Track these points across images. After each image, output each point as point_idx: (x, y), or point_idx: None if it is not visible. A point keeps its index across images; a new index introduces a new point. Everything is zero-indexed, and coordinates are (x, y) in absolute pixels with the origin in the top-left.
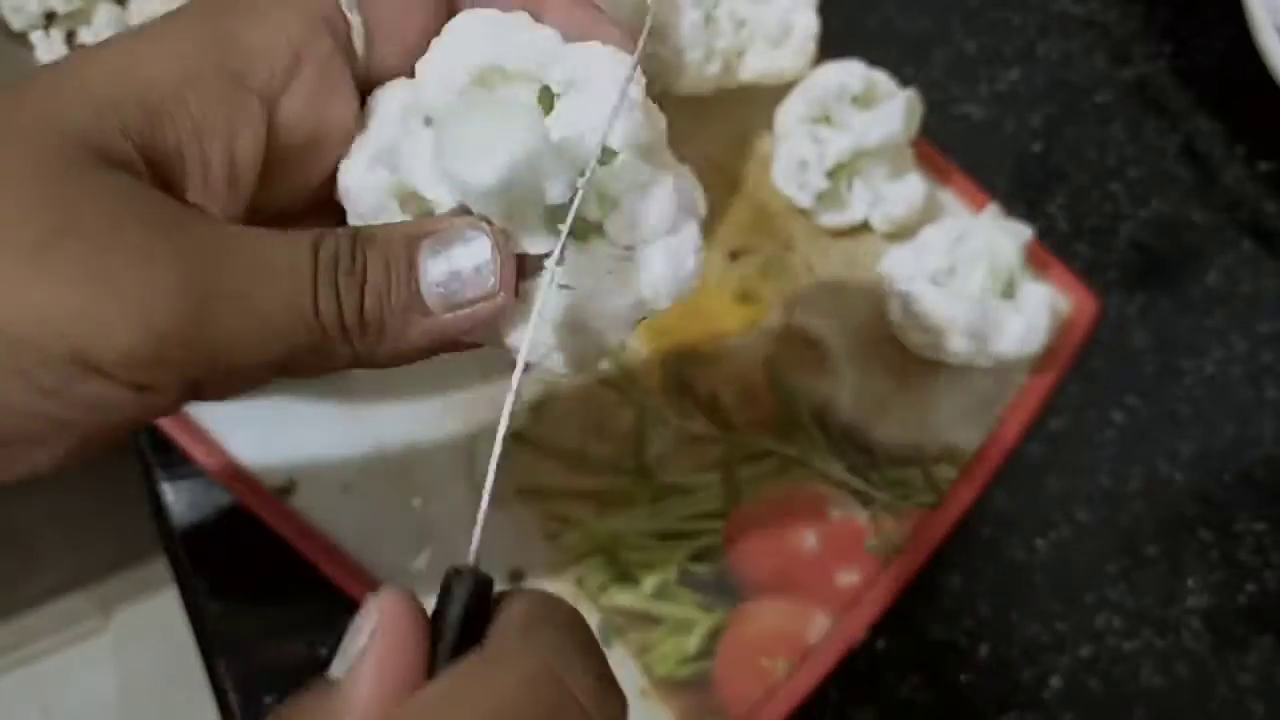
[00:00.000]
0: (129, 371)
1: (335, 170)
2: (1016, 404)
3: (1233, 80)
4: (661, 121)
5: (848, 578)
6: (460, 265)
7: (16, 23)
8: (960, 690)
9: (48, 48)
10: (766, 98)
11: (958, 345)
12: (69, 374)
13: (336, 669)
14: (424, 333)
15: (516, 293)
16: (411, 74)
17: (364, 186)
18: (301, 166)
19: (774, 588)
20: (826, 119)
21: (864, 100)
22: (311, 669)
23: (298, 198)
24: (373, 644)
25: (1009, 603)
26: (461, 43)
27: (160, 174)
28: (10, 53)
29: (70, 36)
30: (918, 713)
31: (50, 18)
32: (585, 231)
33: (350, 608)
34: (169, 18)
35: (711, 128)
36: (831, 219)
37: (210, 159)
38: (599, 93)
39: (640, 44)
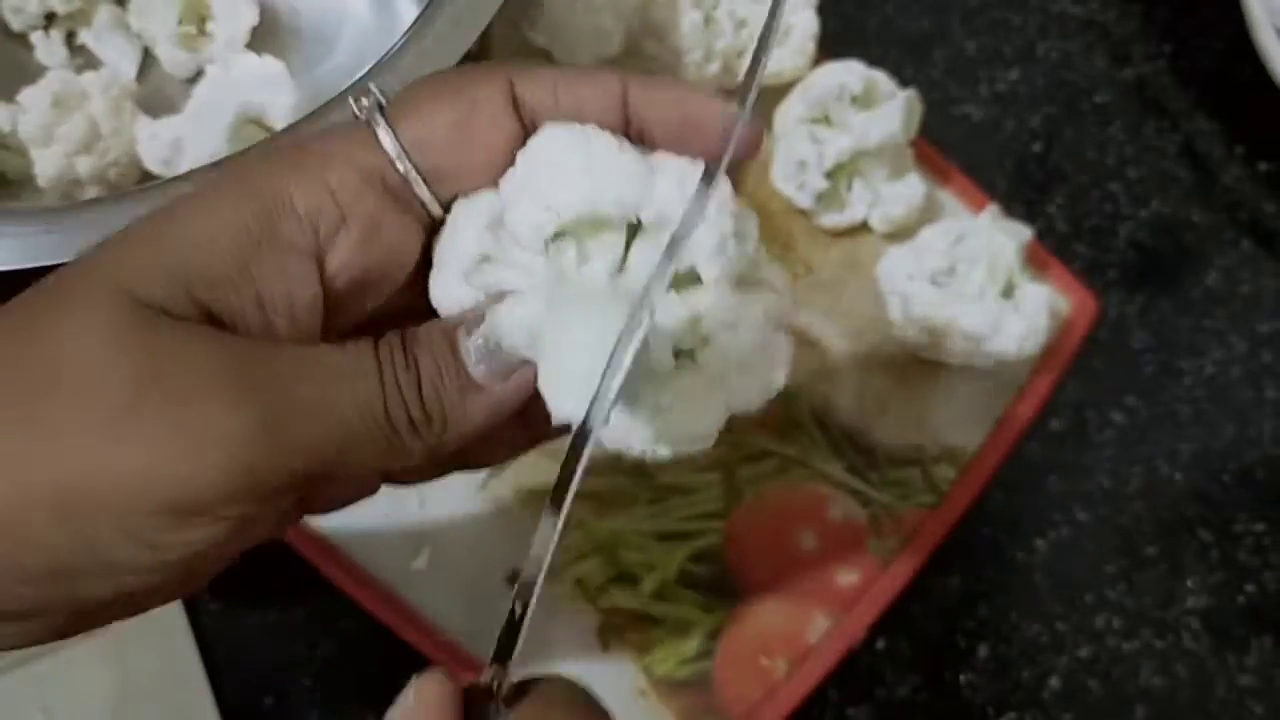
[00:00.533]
0: (226, 508)
1: (392, 294)
2: (1016, 404)
3: (1233, 80)
4: (755, 227)
5: (848, 578)
6: (493, 338)
7: (16, 23)
8: (960, 690)
9: (47, 48)
10: (766, 98)
11: (957, 346)
12: (169, 525)
13: None
14: (482, 408)
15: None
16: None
17: (455, 301)
18: (359, 300)
19: (774, 588)
20: (826, 119)
21: (863, 100)
22: (312, 669)
23: (362, 320)
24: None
25: (1009, 603)
26: (548, 174)
27: (226, 327)
28: (10, 53)
29: (70, 37)
30: (918, 713)
31: (50, 18)
32: (677, 361)
33: (350, 608)
34: (226, 182)
35: None
36: (831, 219)
37: (273, 321)
38: (695, 237)
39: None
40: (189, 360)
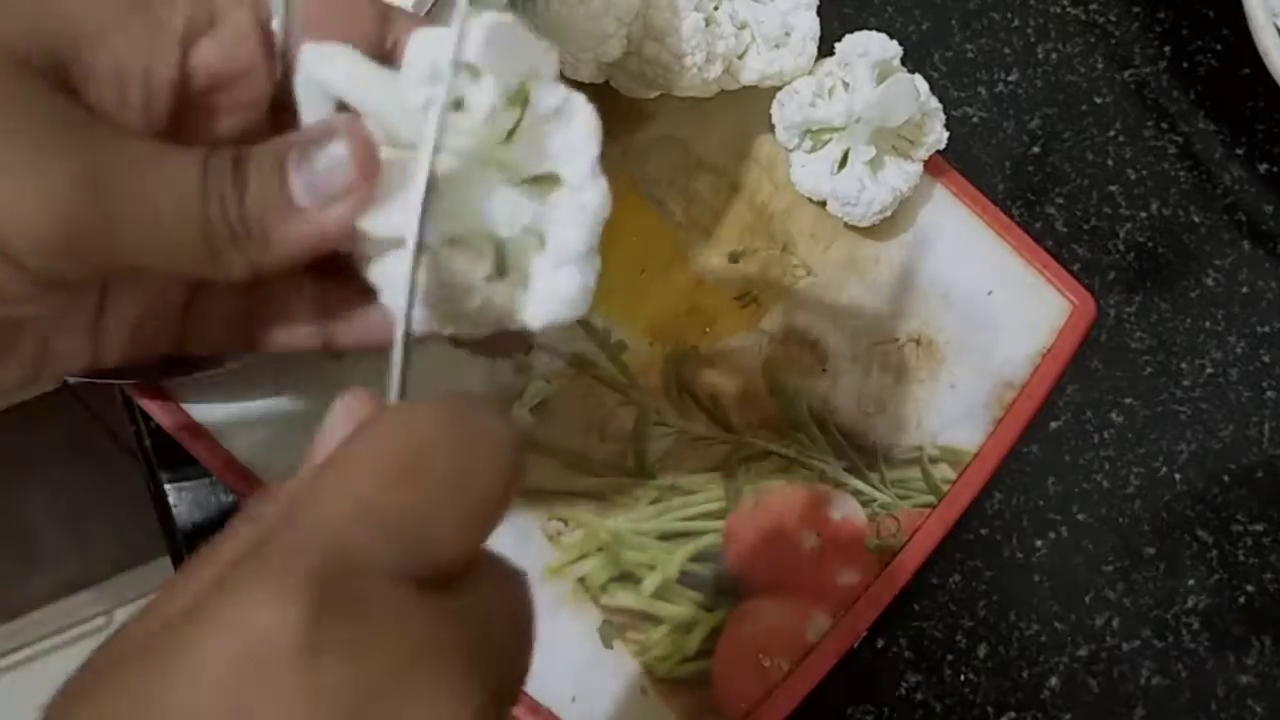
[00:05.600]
0: (38, 259)
1: (241, 131)
2: (1016, 404)
3: (1233, 80)
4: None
5: (848, 578)
6: (321, 165)
7: None
8: (959, 690)
9: None
10: (767, 99)
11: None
12: None
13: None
14: (300, 230)
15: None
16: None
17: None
18: (207, 117)
19: (774, 587)
20: (843, 84)
21: (880, 75)
22: None
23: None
24: (341, 427)
25: (1008, 603)
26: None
27: (79, 95)
28: None
29: None
30: (917, 713)
31: None
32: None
33: None
34: None
35: (712, 129)
36: (807, 174)
37: (126, 96)
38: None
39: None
40: (22, 107)
